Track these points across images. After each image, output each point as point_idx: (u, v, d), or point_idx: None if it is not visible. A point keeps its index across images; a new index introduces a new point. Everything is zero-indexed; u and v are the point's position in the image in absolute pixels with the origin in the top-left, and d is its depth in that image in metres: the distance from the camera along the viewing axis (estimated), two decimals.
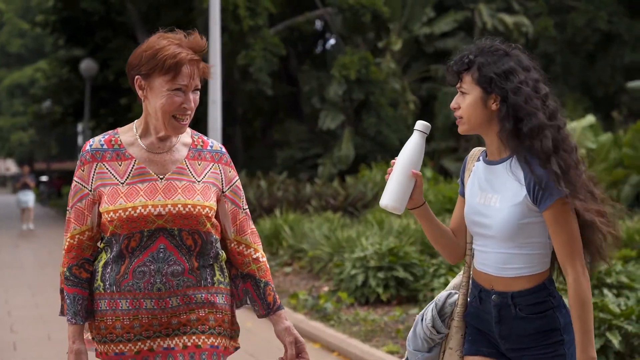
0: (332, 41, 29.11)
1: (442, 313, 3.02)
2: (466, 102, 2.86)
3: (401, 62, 24.08)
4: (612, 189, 13.80)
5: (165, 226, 2.81)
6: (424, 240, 10.00)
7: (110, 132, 2.96)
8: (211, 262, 2.91)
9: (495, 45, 2.88)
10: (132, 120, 3.02)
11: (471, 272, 3.01)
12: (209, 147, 3.01)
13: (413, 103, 23.33)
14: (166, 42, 2.81)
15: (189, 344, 2.84)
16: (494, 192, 2.85)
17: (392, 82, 22.66)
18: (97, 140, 2.92)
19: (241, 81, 22.95)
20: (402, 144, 12.68)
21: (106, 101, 29.74)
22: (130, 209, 2.78)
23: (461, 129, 2.92)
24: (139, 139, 2.91)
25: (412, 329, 3.09)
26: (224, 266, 2.99)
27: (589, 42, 24.77)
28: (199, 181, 2.91)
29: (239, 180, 3.07)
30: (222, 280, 2.95)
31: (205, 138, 3.04)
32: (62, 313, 2.95)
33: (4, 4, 69.79)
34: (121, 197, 2.81)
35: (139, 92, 2.87)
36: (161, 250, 2.81)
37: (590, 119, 16.19)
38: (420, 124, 2.95)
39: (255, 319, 3.07)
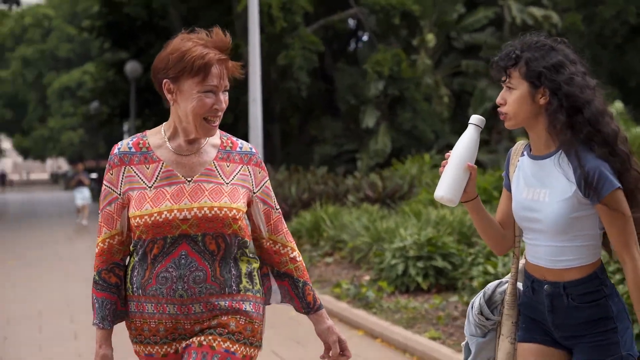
0: (364, 38, 29.03)
1: (492, 301, 3.02)
2: (513, 97, 2.80)
3: (433, 58, 23.96)
4: None
5: (188, 232, 2.68)
6: (461, 230, 10.00)
7: (139, 134, 2.84)
8: (237, 268, 2.78)
9: (541, 40, 2.83)
10: None
11: (520, 264, 3.00)
12: (238, 149, 2.87)
13: (447, 97, 23.22)
14: (192, 44, 2.68)
15: (204, 342, 2.71)
16: (542, 187, 2.81)
17: (426, 78, 22.56)
18: (125, 144, 2.79)
19: (280, 80, 22.94)
20: (437, 137, 12.77)
21: (150, 102, 29.81)
22: (155, 214, 2.66)
23: (508, 124, 2.86)
24: (167, 142, 2.78)
25: (466, 316, 3.11)
26: (255, 274, 2.85)
27: (617, 35, 24.35)
28: (227, 183, 2.77)
29: (269, 180, 2.95)
30: (250, 287, 2.80)
31: (234, 139, 2.90)
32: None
33: (53, 11, 70.42)
34: (148, 202, 2.69)
35: (168, 96, 2.73)
36: (182, 256, 2.68)
37: (618, 105, 15.98)
38: (475, 118, 2.89)
39: None
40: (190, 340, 2.73)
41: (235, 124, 23.82)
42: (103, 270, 2.76)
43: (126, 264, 2.83)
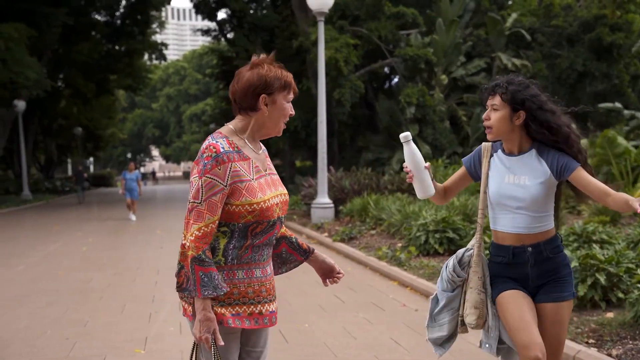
0: (396, 80, 28.79)
1: (462, 262, 2.83)
2: (496, 116, 2.70)
3: (444, 93, 23.71)
4: None
5: (279, 215, 2.40)
6: (465, 212, 9.79)
7: (219, 136, 2.38)
8: None
9: (520, 79, 2.77)
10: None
11: (482, 237, 2.87)
12: (264, 148, 2.54)
13: (464, 116, 23.10)
14: (275, 68, 2.39)
15: (275, 308, 2.47)
16: (522, 173, 2.72)
17: (440, 107, 22.44)
18: (224, 144, 2.33)
19: (336, 107, 22.88)
20: (450, 146, 12.45)
21: None
22: (267, 200, 2.34)
23: (490, 137, 2.77)
24: (247, 143, 2.41)
25: (440, 276, 2.90)
26: None
27: (570, 78, 24.20)
28: (276, 174, 2.51)
29: None
30: None
31: None
32: (195, 294, 2.27)
33: (187, 63, 71.87)
34: (258, 191, 2.33)
35: (263, 107, 2.37)
36: (275, 233, 2.41)
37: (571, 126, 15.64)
38: (403, 137, 2.70)
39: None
40: (274, 306, 2.45)
41: (307, 138, 23.80)
42: (207, 250, 2.28)
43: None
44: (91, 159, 58.78)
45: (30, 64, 24.71)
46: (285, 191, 2.49)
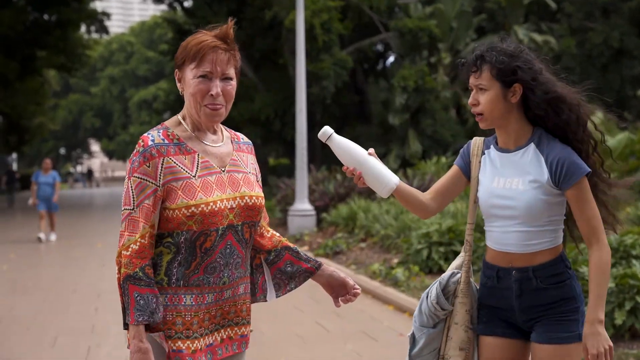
0: (391, 59, 28.90)
1: (446, 291, 2.69)
2: (486, 98, 2.55)
3: (449, 76, 23.87)
4: (628, 175, 13.46)
5: (233, 222, 2.34)
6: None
7: (159, 127, 2.39)
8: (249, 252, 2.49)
9: (505, 44, 2.61)
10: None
11: (471, 258, 2.74)
12: (242, 140, 2.54)
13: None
14: (198, 35, 2.36)
15: (224, 336, 2.40)
16: (515, 176, 2.57)
17: (444, 92, 22.54)
18: (157, 135, 2.33)
19: (315, 87, 22.90)
20: (454, 140, 12.49)
21: None
22: (211, 203, 2.29)
23: (483, 125, 2.62)
24: (194, 134, 2.39)
25: (417, 307, 2.75)
26: None
27: (603, 56, 24.39)
28: (249, 172, 2.45)
29: None
30: (249, 269, 2.52)
31: (233, 130, 2.56)
32: (128, 319, 2.26)
33: (134, 38, 71.77)
34: (199, 191, 2.29)
35: (178, 85, 2.40)
36: (228, 246, 2.33)
37: (600, 115, 15.72)
38: (320, 135, 2.56)
39: None
40: (213, 338, 2.38)
41: (283, 130, 23.80)
42: (146, 266, 2.26)
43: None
44: (14, 155, 58.18)
45: None
46: (253, 193, 2.43)
